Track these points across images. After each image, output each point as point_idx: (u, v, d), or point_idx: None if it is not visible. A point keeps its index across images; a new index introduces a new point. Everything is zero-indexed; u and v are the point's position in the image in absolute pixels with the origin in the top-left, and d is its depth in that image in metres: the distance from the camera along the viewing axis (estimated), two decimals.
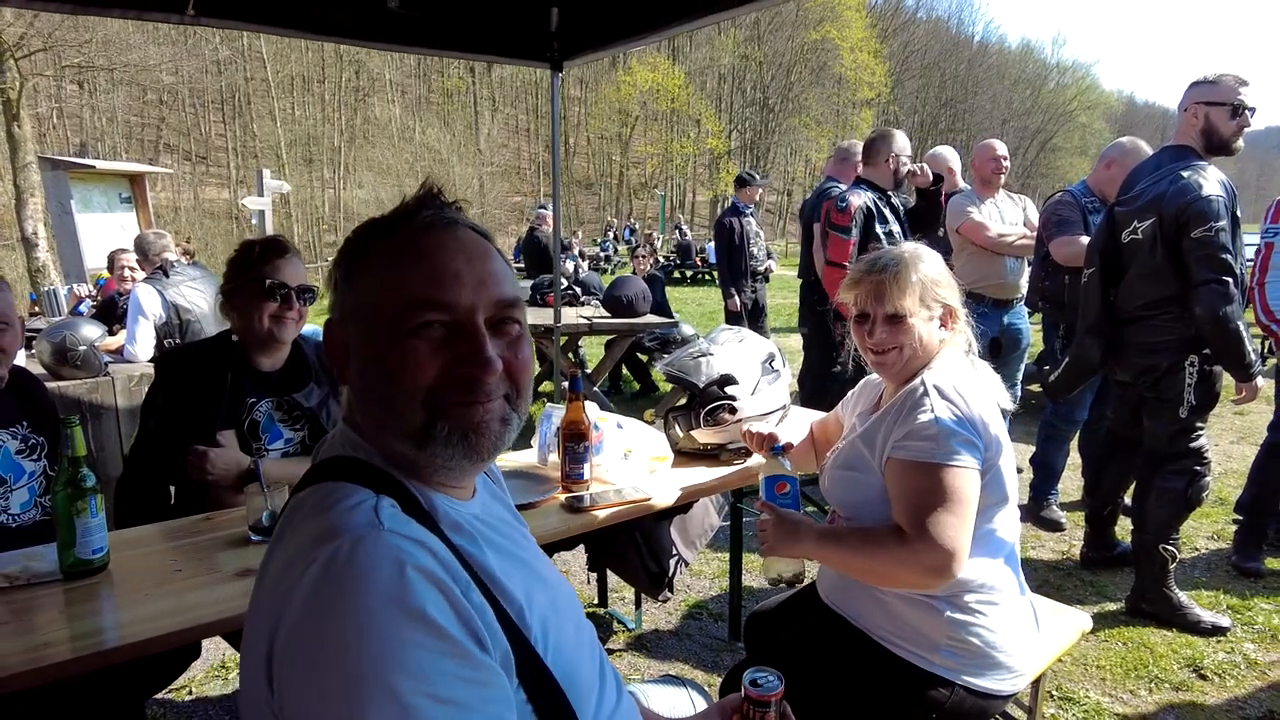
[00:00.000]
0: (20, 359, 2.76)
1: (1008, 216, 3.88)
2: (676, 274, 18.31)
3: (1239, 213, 2.47)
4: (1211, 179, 2.40)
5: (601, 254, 21.42)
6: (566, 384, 1.81)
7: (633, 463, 1.85)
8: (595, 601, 2.78)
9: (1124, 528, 3.09)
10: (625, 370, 6.49)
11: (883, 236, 3.29)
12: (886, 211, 3.37)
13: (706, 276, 18.08)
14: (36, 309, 4.79)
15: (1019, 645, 1.35)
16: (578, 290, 6.34)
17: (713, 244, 18.74)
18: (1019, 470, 4.01)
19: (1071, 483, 3.81)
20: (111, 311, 4.26)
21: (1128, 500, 3.10)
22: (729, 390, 1.89)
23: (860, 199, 3.32)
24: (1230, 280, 2.35)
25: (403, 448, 0.74)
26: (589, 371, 5.59)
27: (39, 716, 1.37)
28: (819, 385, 4.04)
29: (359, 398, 0.77)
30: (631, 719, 0.89)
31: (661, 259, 18.71)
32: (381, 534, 0.64)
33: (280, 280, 1.80)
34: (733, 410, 1.88)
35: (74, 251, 8.66)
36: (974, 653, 1.30)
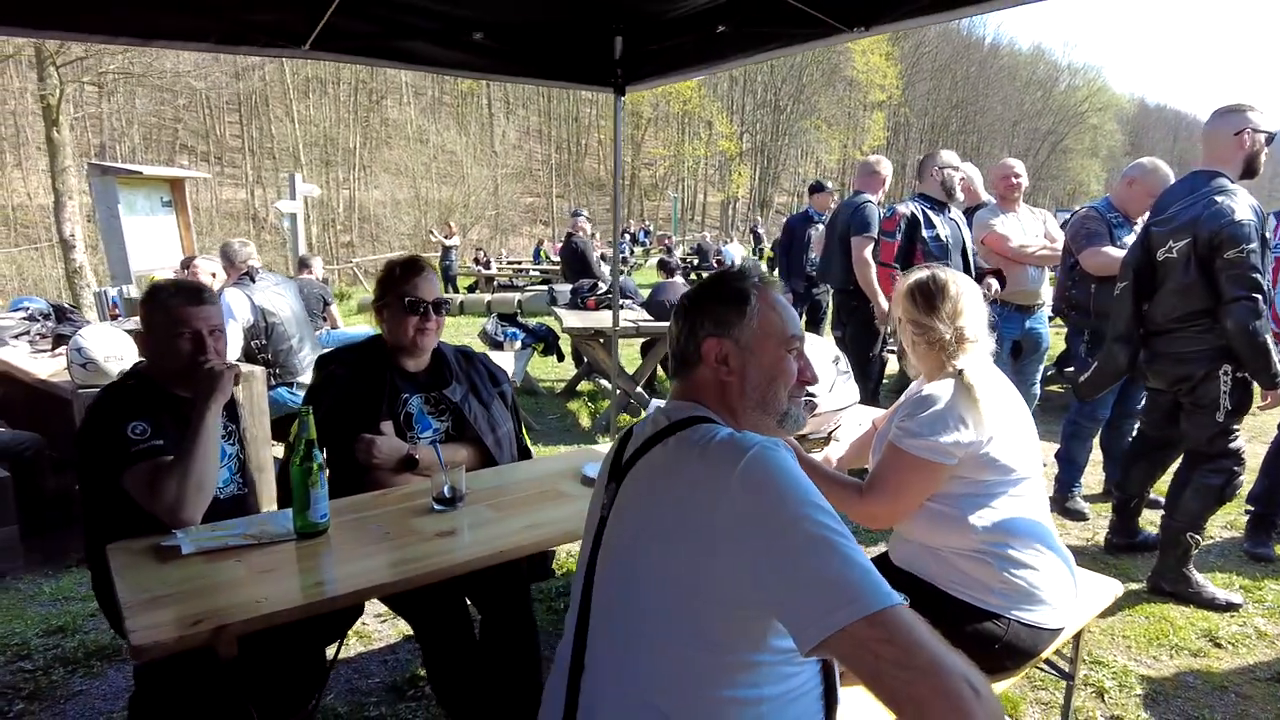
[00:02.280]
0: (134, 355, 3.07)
1: (1029, 229, 4.16)
2: (694, 276, 18.57)
3: (1267, 234, 2.68)
4: (1243, 204, 2.59)
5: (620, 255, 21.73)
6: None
7: None
8: None
9: (1147, 519, 3.37)
10: (660, 371, 6.78)
11: (929, 240, 3.65)
12: (935, 219, 3.70)
13: None
14: (117, 311, 5.11)
15: (1058, 587, 1.65)
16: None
17: (727, 247, 18.99)
18: (1043, 465, 4.32)
19: (1094, 476, 4.08)
20: None
21: (1152, 495, 3.38)
22: (809, 389, 2.19)
23: (906, 208, 3.71)
24: (1259, 297, 2.55)
25: (767, 420, 1.15)
26: (631, 375, 5.88)
27: (251, 655, 1.67)
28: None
29: (738, 387, 1.16)
30: None
31: (679, 261, 18.98)
32: (777, 443, 1.01)
33: (419, 297, 2.11)
34: (813, 406, 2.18)
35: (121, 254, 9.04)
36: (1021, 592, 1.60)
